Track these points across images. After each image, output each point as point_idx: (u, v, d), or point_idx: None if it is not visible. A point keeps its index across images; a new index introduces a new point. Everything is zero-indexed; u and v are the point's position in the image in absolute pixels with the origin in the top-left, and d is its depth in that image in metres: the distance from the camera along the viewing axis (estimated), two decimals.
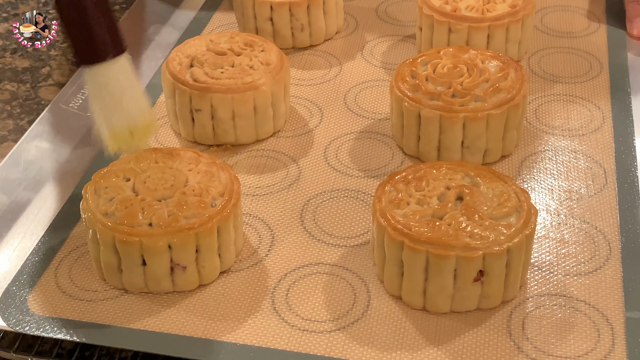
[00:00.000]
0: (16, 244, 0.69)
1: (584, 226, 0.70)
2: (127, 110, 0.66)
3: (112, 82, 0.64)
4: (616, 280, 0.65)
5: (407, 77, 0.76)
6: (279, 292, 0.65)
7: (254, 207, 0.73)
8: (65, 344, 0.64)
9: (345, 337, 0.61)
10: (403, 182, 0.65)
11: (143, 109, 0.67)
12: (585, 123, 0.81)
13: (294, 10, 0.90)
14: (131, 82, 0.66)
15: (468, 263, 0.60)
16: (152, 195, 0.64)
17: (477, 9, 0.85)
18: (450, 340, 0.61)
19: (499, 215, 0.62)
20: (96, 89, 0.65)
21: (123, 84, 0.65)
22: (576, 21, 0.97)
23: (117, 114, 0.65)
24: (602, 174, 0.75)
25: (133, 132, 0.66)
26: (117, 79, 0.65)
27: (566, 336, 0.61)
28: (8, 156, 0.79)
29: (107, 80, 0.64)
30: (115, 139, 0.66)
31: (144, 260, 0.63)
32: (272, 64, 0.79)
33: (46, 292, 0.65)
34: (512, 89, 0.74)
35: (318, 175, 0.76)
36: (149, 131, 0.68)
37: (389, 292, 0.64)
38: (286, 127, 0.82)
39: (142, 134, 0.67)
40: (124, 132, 0.66)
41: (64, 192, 0.74)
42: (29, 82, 0.95)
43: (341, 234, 0.70)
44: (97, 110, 0.66)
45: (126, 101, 0.65)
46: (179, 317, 0.63)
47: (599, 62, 0.90)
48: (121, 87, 0.65)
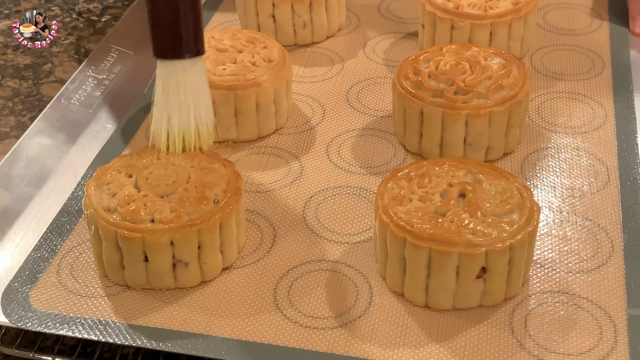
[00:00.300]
0: (18, 240, 0.69)
1: (587, 223, 0.70)
2: (193, 112, 0.64)
3: (186, 81, 0.63)
4: (619, 277, 0.65)
5: (410, 74, 0.76)
6: (281, 288, 0.65)
7: (256, 203, 0.73)
8: (67, 340, 0.64)
9: (347, 334, 0.61)
10: (405, 179, 0.65)
11: (209, 113, 0.66)
12: (587, 120, 0.81)
13: (296, 7, 0.90)
14: (203, 85, 0.65)
15: (470, 260, 0.60)
16: (154, 192, 0.64)
17: (479, 6, 0.85)
18: (453, 337, 0.61)
19: (501, 212, 0.62)
20: (167, 84, 0.64)
21: (196, 85, 0.64)
22: (579, 19, 0.97)
23: (185, 113, 0.64)
24: (604, 172, 0.75)
25: (196, 134, 0.65)
26: (192, 79, 0.64)
27: (568, 333, 0.61)
28: (10, 152, 0.79)
29: (181, 77, 0.63)
30: (176, 138, 0.65)
31: (146, 256, 0.62)
32: (274, 61, 0.79)
33: (48, 288, 0.65)
34: (514, 86, 0.74)
35: (320, 172, 0.76)
36: (210, 136, 0.67)
37: (391, 288, 0.64)
38: (288, 124, 0.82)
39: (204, 138, 0.66)
40: (187, 133, 0.65)
41: (66, 189, 0.74)
42: (31, 78, 0.95)
43: (343, 231, 0.70)
44: (161, 107, 0.64)
45: (196, 102, 0.64)
46: (181, 314, 0.63)
47: (602, 60, 0.90)
48: (194, 88, 0.64)
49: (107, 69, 0.90)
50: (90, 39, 1.02)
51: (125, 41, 0.94)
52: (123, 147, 0.79)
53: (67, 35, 1.02)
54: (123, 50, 0.93)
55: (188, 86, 0.64)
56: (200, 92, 0.65)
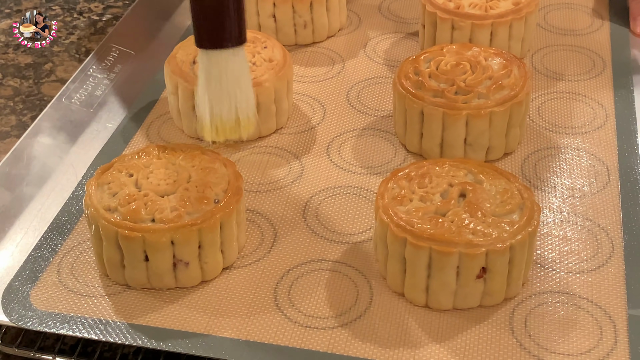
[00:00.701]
0: (19, 240, 0.70)
1: (587, 224, 0.70)
2: (236, 101, 0.65)
3: (229, 71, 0.64)
4: (619, 277, 0.65)
5: (410, 74, 0.76)
6: (281, 288, 0.65)
7: (256, 203, 0.73)
8: (67, 340, 0.64)
9: (347, 334, 0.61)
10: (406, 179, 0.65)
11: (250, 102, 0.66)
12: (588, 121, 0.81)
13: (296, 7, 0.90)
14: (246, 74, 0.65)
15: (471, 260, 0.60)
16: (155, 191, 0.64)
17: (480, 7, 0.85)
18: (453, 337, 0.61)
19: (501, 212, 0.62)
20: (211, 74, 0.64)
21: (238, 74, 0.64)
22: (579, 19, 0.97)
23: (226, 102, 0.65)
24: (604, 172, 0.75)
25: (237, 123, 0.66)
26: (233, 69, 0.64)
27: (569, 333, 0.61)
28: (11, 152, 0.79)
29: (224, 67, 0.64)
30: (218, 127, 0.65)
31: (147, 256, 0.63)
32: (275, 61, 0.79)
33: (49, 287, 0.65)
34: (515, 87, 0.74)
35: (321, 172, 0.76)
36: (251, 125, 0.67)
37: (391, 288, 0.64)
38: (289, 123, 0.82)
39: (245, 127, 0.66)
40: (229, 122, 0.65)
41: (67, 188, 0.75)
42: (32, 78, 0.95)
43: (344, 231, 0.70)
44: (204, 96, 0.65)
45: (238, 92, 0.65)
46: (182, 313, 0.63)
47: (602, 60, 0.90)
48: (236, 77, 0.64)
49: (108, 68, 0.90)
50: (91, 38, 1.02)
51: (126, 41, 0.94)
52: (124, 147, 0.79)
53: (68, 35, 1.02)
54: (124, 49, 0.93)
55: (230, 76, 0.64)
56: (242, 81, 0.65)
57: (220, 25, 0.62)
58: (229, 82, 0.64)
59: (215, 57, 0.63)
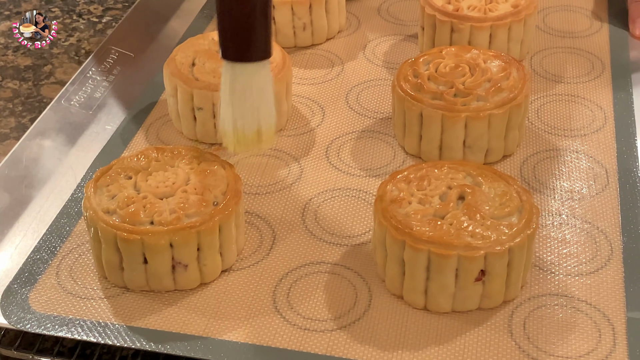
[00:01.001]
0: (18, 242, 0.70)
1: (586, 226, 0.70)
2: (259, 115, 0.64)
3: (254, 84, 0.63)
4: (617, 280, 0.65)
5: (409, 77, 0.76)
6: (280, 291, 0.65)
7: (255, 205, 0.73)
8: (66, 342, 0.64)
9: (346, 336, 0.61)
10: (405, 181, 0.65)
11: (272, 115, 0.66)
12: (587, 123, 0.81)
13: (296, 9, 0.90)
14: (269, 87, 0.64)
15: (469, 262, 0.60)
16: (154, 194, 0.64)
17: (479, 9, 0.85)
18: (452, 340, 0.61)
19: (500, 214, 0.62)
20: (235, 87, 0.63)
21: (263, 88, 0.64)
22: (578, 21, 0.97)
23: (250, 116, 0.64)
24: (603, 174, 0.75)
25: (259, 136, 0.65)
26: (258, 82, 0.63)
27: (567, 336, 0.61)
28: (10, 154, 0.79)
29: (249, 80, 0.63)
30: (240, 139, 0.65)
31: (146, 258, 0.63)
32: (274, 63, 0.79)
33: (47, 290, 0.65)
34: (514, 89, 0.74)
35: (320, 174, 0.76)
36: (270, 140, 0.66)
37: (390, 291, 0.64)
38: (288, 126, 0.82)
39: (267, 140, 0.66)
40: (251, 135, 0.65)
41: (66, 190, 0.75)
42: (31, 80, 0.95)
43: (343, 233, 0.70)
44: (228, 109, 0.64)
45: (262, 106, 0.64)
46: (180, 316, 0.63)
47: (601, 62, 0.90)
48: (260, 91, 0.64)
49: (107, 70, 0.90)
50: (90, 40, 1.02)
51: (126, 43, 0.94)
52: (123, 149, 0.79)
53: (68, 37, 1.02)
54: (123, 52, 0.93)
55: (255, 89, 0.63)
56: (265, 95, 0.64)
57: (247, 38, 0.62)
58: (254, 95, 0.64)
59: (240, 69, 0.63)
